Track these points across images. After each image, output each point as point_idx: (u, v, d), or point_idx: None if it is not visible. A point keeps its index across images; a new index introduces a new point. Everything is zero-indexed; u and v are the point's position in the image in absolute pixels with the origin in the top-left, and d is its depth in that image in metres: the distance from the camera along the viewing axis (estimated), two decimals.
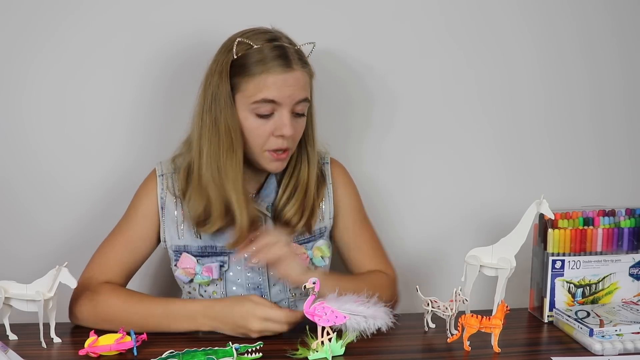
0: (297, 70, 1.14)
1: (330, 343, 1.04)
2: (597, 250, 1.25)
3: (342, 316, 1.02)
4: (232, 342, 1.03)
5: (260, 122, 1.14)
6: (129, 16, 1.39)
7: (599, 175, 1.56)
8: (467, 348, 1.07)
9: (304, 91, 1.16)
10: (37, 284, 1.10)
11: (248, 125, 1.15)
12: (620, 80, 1.53)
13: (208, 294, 1.24)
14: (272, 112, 1.14)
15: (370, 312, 1.02)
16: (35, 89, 1.40)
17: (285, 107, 1.13)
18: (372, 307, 1.03)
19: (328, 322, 1.02)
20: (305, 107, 1.18)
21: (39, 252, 1.43)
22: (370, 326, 1.02)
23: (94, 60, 1.40)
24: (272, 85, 1.12)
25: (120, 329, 1.06)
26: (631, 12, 1.51)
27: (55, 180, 1.43)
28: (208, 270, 1.21)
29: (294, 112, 1.16)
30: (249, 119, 1.15)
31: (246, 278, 1.24)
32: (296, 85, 1.14)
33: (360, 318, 1.02)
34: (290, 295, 1.26)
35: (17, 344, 1.09)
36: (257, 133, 1.15)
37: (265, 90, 1.12)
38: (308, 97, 1.17)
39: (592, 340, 1.10)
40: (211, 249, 1.23)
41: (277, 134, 1.14)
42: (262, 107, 1.13)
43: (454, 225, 1.54)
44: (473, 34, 1.48)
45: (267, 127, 1.14)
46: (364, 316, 1.02)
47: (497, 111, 1.52)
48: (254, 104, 1.13)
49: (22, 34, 1.37)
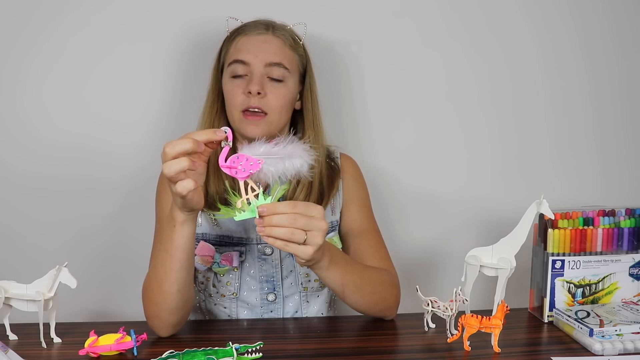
0: (268, 34, 1.21)
1: (258, 200, 0.94)
2: (597, 250, 1.25)
3: (257, 161, 0.91)
4: (232, 342, 1.03)
5: (235, 82, 1.19)
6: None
7: (598, 175, 1.57)
8: (467, 348, 1.07)
9: (277, 55, 1.20)
10: (37, 284, 1.10)
11: (227, 89, 1.21)
12: (620, 80, 1.54)
13: (222, 284, 1.24)
14: (246, 75, 1.19)
15: (286, 152, 0.92)
16: (37, 87, 1.40)
17: (255, 67, 1.18)
18: (289, 146, 0.93)
19: (244, 172, 0.92)
20: (283, 74, 1.20)
21: (39, 252, 1.43)
22: (289, 168, 0.92)
23: (98, 57, 1.40)
24: (242, 47, 1.20)
25: (121, 329, 1.06)
26: (631, 12, 1.51)
27: (56, 180, 1.43)
28: (227, 258, 1.22)
29: (269, 77, 1.19)
30: (227, 83, 1.21)
31: (259, 270, 1.24)
32: (266, 47, 1.19)
33: (277, 160, 0.92)
34: (302, 288, 1.27)
35: (17, 344, 1.09)
36: (232, 93, 1.19)
37: (237, 52, 1.20)
38: (283, 62, 1.20)
39: (592, 340, 1.10)
40: (228, 238, 1.24)
41: (246, 91, 1.17)
42: (234, 67, 1.19)
43: (454, 225, 1.54)
44: (474, 34, 1.48)
45: (240, 87, 1.18)
46: (281, 157, 0.92)
47: (498, 111, 1.52)
48: (229, 67, 1.21)
49: (24, 33, 1.37)
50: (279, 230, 0.93)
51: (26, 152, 1.41)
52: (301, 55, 1.25)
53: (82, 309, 1.43)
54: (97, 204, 1.44)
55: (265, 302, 1.25)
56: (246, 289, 1.25)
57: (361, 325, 1.21)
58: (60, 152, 1.42)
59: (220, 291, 1.25)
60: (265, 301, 1.25)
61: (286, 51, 1.22)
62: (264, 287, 1.25)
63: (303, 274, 1.26)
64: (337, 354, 1.06)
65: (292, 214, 0.93)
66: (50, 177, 1.43)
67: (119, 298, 1.46)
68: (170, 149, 0.91)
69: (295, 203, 0.95)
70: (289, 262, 1.26)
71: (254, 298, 1.25)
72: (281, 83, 1.20)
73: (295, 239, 0.93)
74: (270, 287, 1.25)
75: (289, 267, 1.25)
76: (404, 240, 1.53)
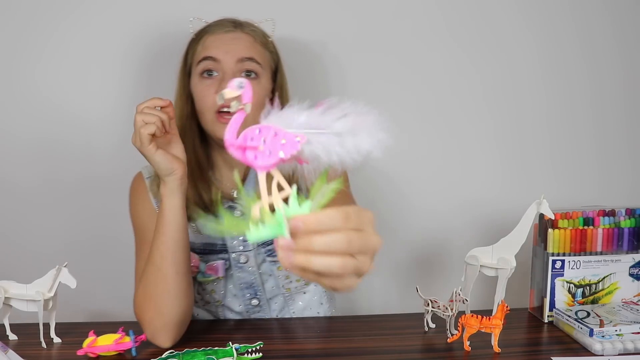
0: (237, 31, 1.16)
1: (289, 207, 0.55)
2: (597, 250, 1.25)
3: (293, 138, 0.54)
4: (232, 342, 1.03)
5: (205, 83, 1.14)
6: (130, 12, 1.39)
7: (599, 175, 1.57)
8: (467, 348, 1.07)
9: (248, 50, 1.15)
10: (37, 284, 1.10)
11: (197, 91, 1.15)
12: (620, 80, 1.54)
13: (206, 291, 1.23)
14: (217, 73, 1.14)
15: (347, 123, 0.55)
16: (34, 87, 1.40)
17: (226, 64, 1.13)
18: (350, 113, 0.55)
19: (270, 157, 0.55)
20: (255, 68, 1.14)
21: (39, 252, 1.43)
22: (350, 150, 0.55)
23: (89, 57, 1.40)
24: (211, 44, 1.14)
25: (119, 329, 1.06)
26: (631, 12, 1.51)
27: (55, 180, 1.43)
28: (212, 268, 1.20)
29: (242, 72, 1.14)
30: (197, 84, 1.15)
31: (238, 278, 1.22)
32: (236, 43, 1.14)
33: (329, 137, 0.55)
34: (285, 290, 1.25)
35: (17, 344, 1.09)
36: (203, 94, 1.13)
37: (205, 49, 1.14)
38: (255, 57, 1.15)
39: (592, 340, 1.10)
40: (212, 246, 1.21)
41: (219, 90, 1.10)
42: (204, 64, 1.14)
43: (454, 225, 1.54)
44: (474, 34, 1.48)
45: (212, 87, 1.13)
46: (337, 132, 0.55)
47: (497, 112, 1.52)
48: (198, 65, 1.14)
49: (23, 34, 1.37)
50: (325, 261, 0.55)
51: (25, 151, 1.41)
52: (272, 52, 1.21)
53: (82, 309, 1.43)
54: (97, 204, 1.44)
55: (250, 306, 1.24)
56: (230, 295, 1.23)
57: (361, 325, 1.21)
58: (61, 152, 1.42)
59: (204, 298, 1.24)
60: (250, 306, 1.24)
61: (257, 47, 1.17)
62: (246, 294, 1.23)
63: (283, 277, 1.24)
64: (337, 354, 1.06)
65: (346, 232, 0.55)
66: (50, 177, 1.43)
67: (119, 298, 1.46)
68: None
69: (346, 210, 0.56)
70: (266, 267, 1.22)
71: (238, 304, 1.23)
72: (255, 80, 1.14)
73: (346, 271, 0.56)
74: (252, 293, 1.22)
75: (267, 272, 1.22)
76: (404, 240, 1.53)
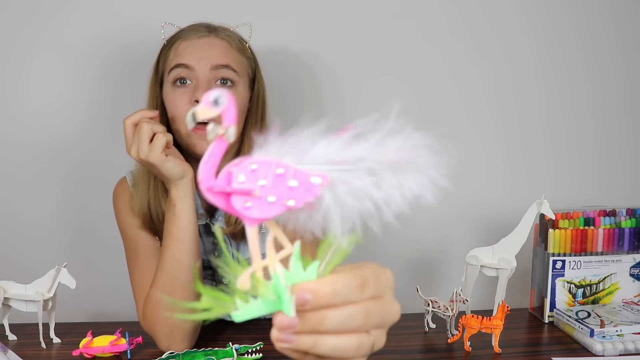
0: (212, 36, 1.08)
1: (291, 272, 0.43)
2: (598, 251, 1.25)
3: (311, 181, 0.41)
4: (232, 342, 1.03)
5: (178, 92, 1.06)
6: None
7: (599, 175, 1.56)
8: (468, 348, 1.07)
9: (223, 57, 1.07)
10: (37, 284, 1.10)
11: (169, 101, 1.07)
12: (621, 80, 1.53)
13: None
14: (191, 82, 1.06)
15: (390, 157, 0.44)
16: (33, 87, 1.40)
17: (200, 72, 1.05)
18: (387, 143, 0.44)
19: (272, 206, 0.42)
20: (231, 76, 1.07)
21: (39, 252, 1.42)
22: (392, 195, 0.44)
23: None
24: (184, 50, 1.07)
25: (118, 330, 1.06)
26: (631, 12, 1.51)
27: (55, 180, 1.43)
28: None
29: (217, 80, 1.07)
30: (169, 94, 1.07)
31: None
32: (210, 49, 1.07)
33: (359, 176, 0.43)
34: None
35: (16, 344, 1.09)
36: (175, 104, 1.06)
37: (178, 56, 1.06)
38: (231, 64, 1.07)
39: (592, 340, 1.09)
40: None
41: (192, 99, 1.04)
42: (176, 72, 1.06)
43: (454, 226, 1.54)
44: (475, 34, 1.48)
45: (185, 96, 1.05)
46: (373, 169, 0.43)
47: (498, 112, 1.52)
48: (170, 74, 1.07)
49: (22, 33, 1.37)
50: (337, 342, 0.44)
51: (25, 151, 1.41)
52: (249, 58, 1.13)
53: (82, 309, 1.43)
54: (97, 204, 1.44)
55: None
56: None
57: None
58: (61, 152, 1.42)
59: None
60: None
61: (233, 53, 1.09)
62: None
63: None
64: None
65: (364, 304, 0.45)
66: (50, 177, 1.42)
67: (118, 298, 1.46)
68: None
69: (363, 275, 0.46)
70: None
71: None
72: (232, 88, 1.07)
73: (362, 352, 0.47)
74: None
75: None
76: (404, 240, 1.53)
